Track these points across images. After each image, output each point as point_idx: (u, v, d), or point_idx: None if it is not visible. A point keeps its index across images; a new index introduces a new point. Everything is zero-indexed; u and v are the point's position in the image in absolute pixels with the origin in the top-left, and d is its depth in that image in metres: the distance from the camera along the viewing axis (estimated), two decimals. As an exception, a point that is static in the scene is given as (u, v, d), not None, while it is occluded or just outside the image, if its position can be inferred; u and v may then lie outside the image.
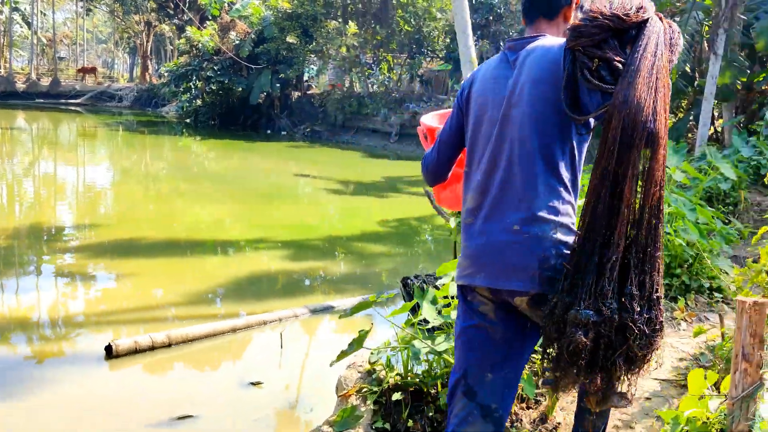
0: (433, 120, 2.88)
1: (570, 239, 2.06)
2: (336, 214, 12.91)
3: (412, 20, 26.65)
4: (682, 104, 14.62)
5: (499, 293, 2.15)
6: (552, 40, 2.17)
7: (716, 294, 4.98)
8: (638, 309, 1.88)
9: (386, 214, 12.31)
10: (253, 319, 6.23)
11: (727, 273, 5.09)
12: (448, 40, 26.30)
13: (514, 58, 2.21)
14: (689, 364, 3.75)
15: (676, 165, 7.10)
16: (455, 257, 7.59)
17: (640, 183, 1.90)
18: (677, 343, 4.05)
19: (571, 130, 2.12)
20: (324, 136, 27.24)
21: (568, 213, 2.13)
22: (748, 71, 11.97)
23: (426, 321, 3.53)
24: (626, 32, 1.94)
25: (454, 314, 3.15)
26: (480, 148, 2.24)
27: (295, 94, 30.17)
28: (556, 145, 2.12)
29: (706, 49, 14.59)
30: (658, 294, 1.93)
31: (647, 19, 1.93)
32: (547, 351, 2.03)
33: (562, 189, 2.13)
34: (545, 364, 2.05)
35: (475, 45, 23.30)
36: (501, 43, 24.59)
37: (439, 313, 3.47)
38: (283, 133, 28.21)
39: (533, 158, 2.10)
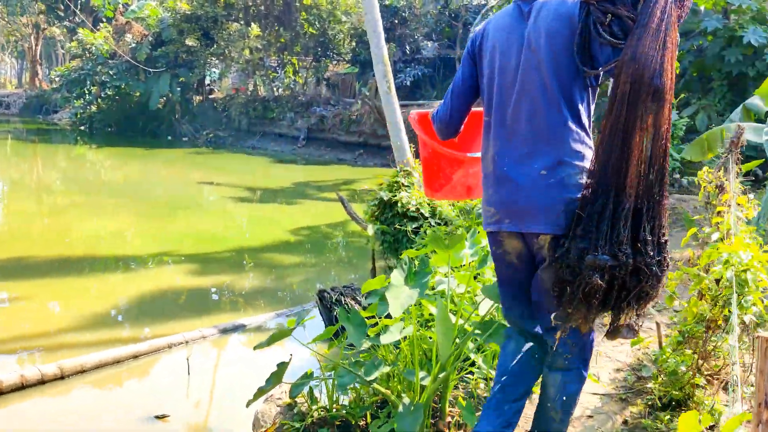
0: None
1: None
2: (244, 223, 12.40)
3: (316, 23, 26.27)
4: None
5: (524, 236, 2.32)
6: None
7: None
8: (651, 253, 2.05)
9: (297, 221, 11.90)
10: (157, 343, 5.74)
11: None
12: (354, 43, 26.09)
13: (528, 9, 2.30)
14: (627, 374, 3.61)
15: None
16: (374, 266, 7.38)
17: (647, 135, 2.02)
18: (612, 352, 3.92)
19: (585, 79, 2.26)
20: (228, 141, 26.46)
21: (590, 158, 2.23)
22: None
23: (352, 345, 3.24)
24: None
25: (385, 337, 2.86)
26: (500, 97, 2.35)
27: (197, 99, 29.20)
28: (576, 93, 2.25)
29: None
30: (666, 238, 2.10)
31: None
32: (559, 290, 2.15)
33: (584, 134, 2.28)
34: (555, 303, 2.19)
35: (381, 48, 23.32)
36: (407, 47, 24.63)
37: (367, 335, 3.17)
38: (184, 139, 27.21)
39: (558, 104, 2.24)
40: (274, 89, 27.05)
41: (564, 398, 2.41)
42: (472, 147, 2.85)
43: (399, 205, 6.64)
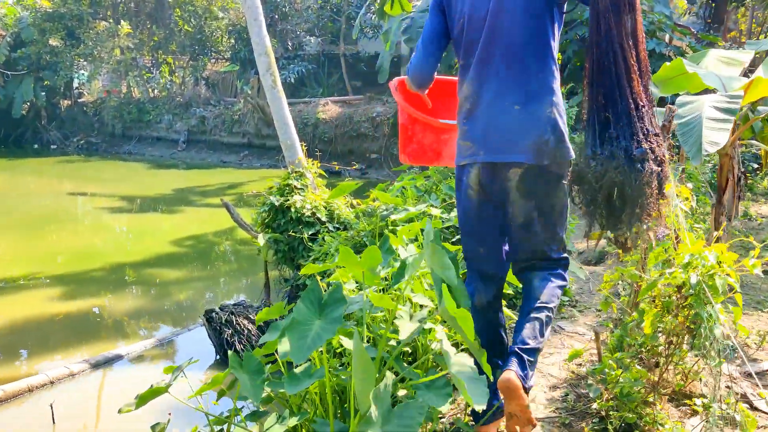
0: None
1: (560, 119, 2.40)
2: (122, 236, 11.33)
3: (192, 20, 24.99)
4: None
5: (496, 168, 2.44)
6: None
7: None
8: (657, 145, 2.21)
9: (180, 231, 10.98)
10: (12, 388, 4.86)
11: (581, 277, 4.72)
12: (232, 41, 25.02)
13: None
14: (566, 392, 3.18)
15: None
16: (267, 280, 6.71)
17: (631, 43, 2.20)
18: (543, 365, 3.49)
19: (554, 13, 2.41)
20: (102, 147, 24.72)
21: (559, 92, 2.44)
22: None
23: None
24: None
25: (290, 386, 2.27)
26: (472, 38, 2.46)
27: (65, 103, 27.15)
28: (548, 28, 2.39)
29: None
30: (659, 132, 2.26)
31: None
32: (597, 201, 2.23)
33: (555, 68, 2.44)
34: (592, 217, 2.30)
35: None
36: (289, 43, 23.85)
37: (268, 379, 2.57)
38: (53, 146, 25.23)
39: (529, 42, 2.38)
40: (150, 90, 25.52)
41: (554, 298, 2.52)
42: (443, 116, 3.03)
43: (292, 210, 6.02)
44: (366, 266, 2.71)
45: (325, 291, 2.51)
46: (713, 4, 16.08)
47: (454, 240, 4.91)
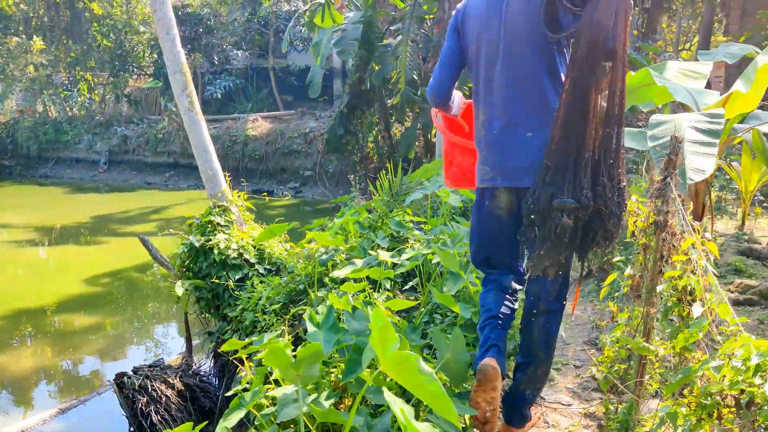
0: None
1: None
2: (28, 275, 10.17)
3: (111, 34, 23.71)
4: (410, 113, 14.25)
5: (514, 192, 2.62)
6: None
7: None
8: (610, 195, 2.35)
9: (96, 266, 9.97)
10: None
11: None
12: (155, 56, 23.84)
13: None
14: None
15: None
16: (188, 335, 5.87)
17: (603, 94, 2.31)
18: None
19: (562, 41, 2.53)
20: (16, 171, 23.11)
21: None
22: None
23: None
24: None
25: None
26: (486, 69, 2.64)
27: (-25, 124, 25.39)
28: (554, 58, 2.54)
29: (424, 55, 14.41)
30: (624, 183, 2.40)
31: None
32: (530, 236, 2.45)
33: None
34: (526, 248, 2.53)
35: (188, 59, 21.29)
36: (215, 57, 22.85)
37: None
38: (-38, 171, 23.52)
39: (538, 72, 2.54)
40: (68, 109, 24.05)
41: (547, 338, 2.66)
42: None
43: (215, 251, 5.23)
44: (302, 367, 2.02)
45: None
46: (645, 15, 16.01)
47: (407, 287, 4.26)
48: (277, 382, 2.60)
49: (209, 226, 5.46)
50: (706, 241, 2.25)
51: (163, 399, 4.73)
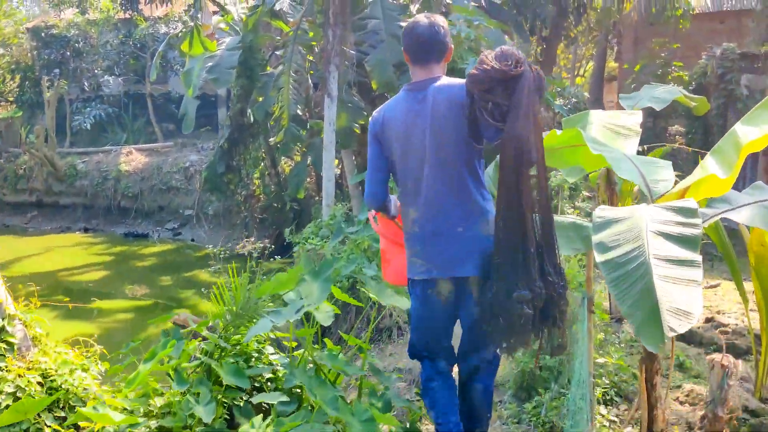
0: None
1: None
2: None
3: (-36, 57, 21.12)
4: (299, 150, 12.82)
5: (452, 281, 2.84)
6: (453, 81, 2.85)
7: None
8: (556, 281, 2.65)
9: None
10: None
11: None
12: (17, 81, 21.36)
13: (422, 96, 2.83)
14: None
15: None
16: None
17: (531, 194, 2.60)
18: None
19: (477, 152, 2.85)
20: None
21: (492, 211, 2.83)
22: (365, 113, 10.46)
23: None
24: (509, 81, 2.56)
25: None
26: (413, 170, 2.86)
27: None
28: (475, 162, 2.85)
29: (311, 86, 13.05)
30: (562, 267, 2.70)
31: (522, 71, 2.57)
32: (496, 325, 2.68)
33: (485, 191, 2.90)
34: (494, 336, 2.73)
35: (53, 85, 19.05)
36: (85, 82, 20.63)
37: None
38: None
39: (463, 174, 2.82)
40: None
41: (487, 398, 3.07)
42: None
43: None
44: None
45: None
46: (543, 44, 15.34)
47: None
48: None
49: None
50: None
51: None
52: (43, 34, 20.80)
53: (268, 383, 3.40)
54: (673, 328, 2.29)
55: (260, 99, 11.95)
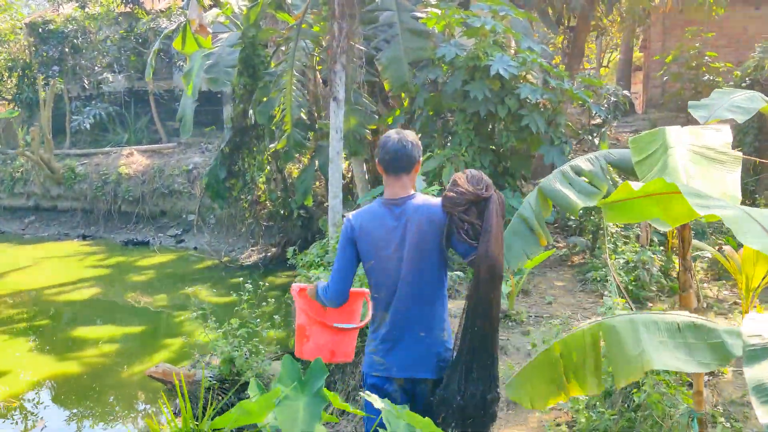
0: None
1: (450, 340, 3.04)
2: None
3: (-40, 54, 20.26)
4: (304, 158, 11.77)
5: (409, 381, 3.02)
6: (429, 199, 3.06)
7: None
8: (496, 386, 2.87)
9: None
10: None
11: None
12: (14, 79, 20.48)
13: (399, 211, 3.02)
14: None
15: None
16: None
17: (497, 308, 2.85)
18: None
19: (444, 264, 3.05)
20: None
21: (448, 320, 3.11)
22: (376, 116, 9.38)
23: None
24: (479, 203, 2.89)
25: None
26: (384, 278, 3.02)
27: None
28: (441, 274, 3.04)
29: (321, 84, 12.01)
30: (497, 373, 2.90)
31: (491, 194, 2.90)
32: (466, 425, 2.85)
33: (446, 304, 3.10)
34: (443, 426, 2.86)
35: (46, 84, 18.16)
36: (86, 80, 19.72)
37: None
38: None
39: (431, 287, 3.01)
40: None
41: None
42: (336, 319, 3.38)
43: None
44: None
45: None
46: (572, 35, 14.17)
47: None
48: None
49: None
50: None
51: None
52: (40, 30, 19.89)
53: None
54: None
55: (264, 99, 10.92)
